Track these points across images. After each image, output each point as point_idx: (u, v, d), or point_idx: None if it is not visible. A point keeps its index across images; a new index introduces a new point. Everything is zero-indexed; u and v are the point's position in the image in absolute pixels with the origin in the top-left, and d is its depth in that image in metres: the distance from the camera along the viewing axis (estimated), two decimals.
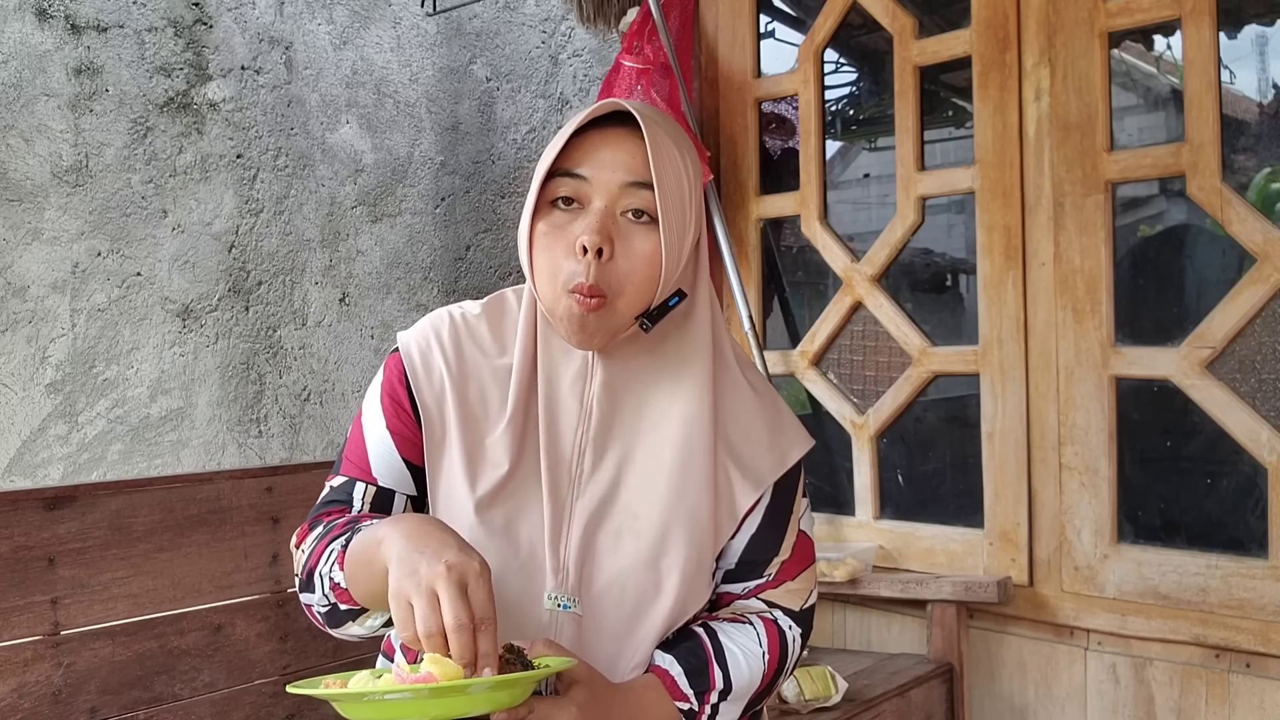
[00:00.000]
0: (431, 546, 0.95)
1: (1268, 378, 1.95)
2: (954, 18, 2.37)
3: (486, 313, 1.23)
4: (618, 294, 1.11)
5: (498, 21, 3.33)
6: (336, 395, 3.08)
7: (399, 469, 1.19)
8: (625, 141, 1.12)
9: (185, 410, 2.79)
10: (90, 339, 2.65)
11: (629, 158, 1.11)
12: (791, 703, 1.94)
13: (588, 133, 1.13)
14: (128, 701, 1.63)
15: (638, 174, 1.11)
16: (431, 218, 3.30)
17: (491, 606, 0.93)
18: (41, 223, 2.57)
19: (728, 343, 1.23)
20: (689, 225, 1.15)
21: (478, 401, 1.18)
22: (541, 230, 1.12)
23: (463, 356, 1.19)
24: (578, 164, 1.11)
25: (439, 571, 0.92)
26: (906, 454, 2.57)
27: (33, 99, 2.56)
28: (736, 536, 1.21)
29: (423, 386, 1.18)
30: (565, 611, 1.13)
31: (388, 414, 1.20)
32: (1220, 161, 1.97)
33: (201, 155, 2.85)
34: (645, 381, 1.18)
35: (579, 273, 1.09)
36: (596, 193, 1.11)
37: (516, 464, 1.16)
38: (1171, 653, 2.03)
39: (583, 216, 1.11)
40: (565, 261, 1.10)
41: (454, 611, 0.90)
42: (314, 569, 1.11)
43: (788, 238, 2.81)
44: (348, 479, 1.20)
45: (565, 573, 1.13)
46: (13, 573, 1.52)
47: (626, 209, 1.11)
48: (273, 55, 3.00)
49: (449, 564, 0.93)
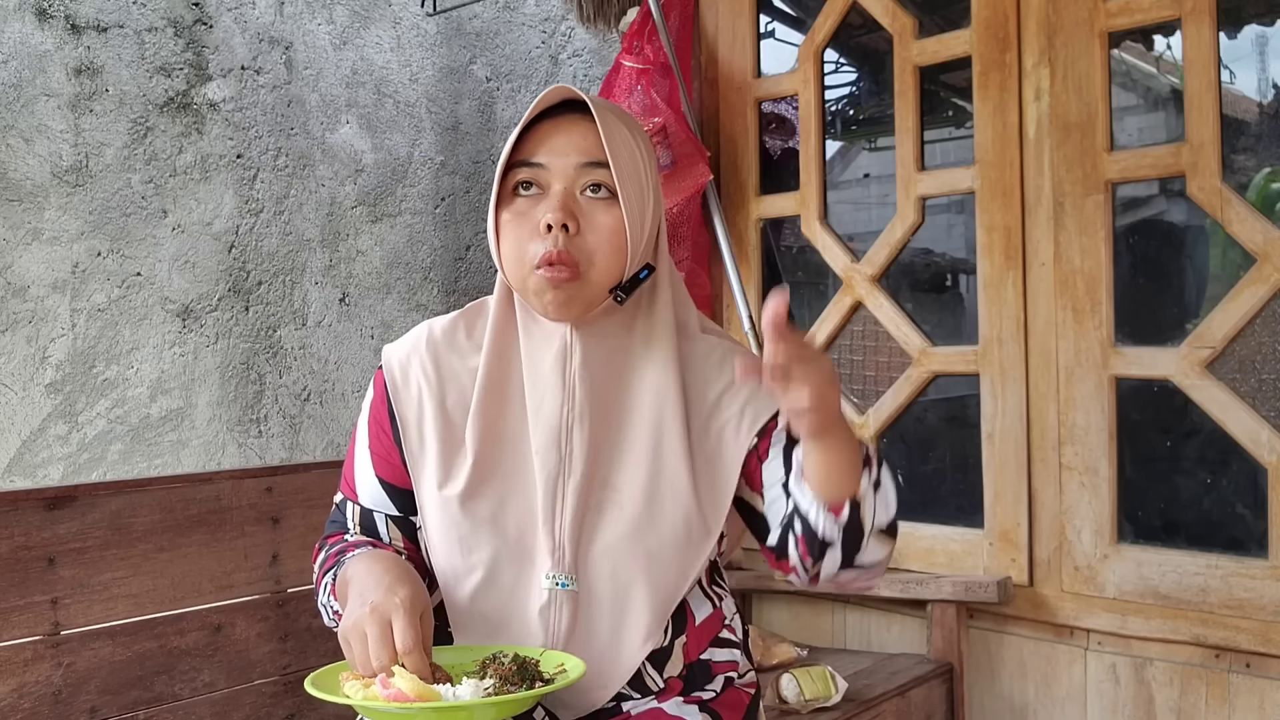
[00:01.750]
0: (365, 590, 1.08)
1: (1268, 378, 1.95)
2: (954, 18, 2.37)
3: (464, 318, 1.29)
4: (589, 265, 1.16)
5: (498, 21, 3.33)
6: (336, 395, 3.08)
7: (375, 489, 1.26)
8: (576, 125, 1.18)
9: (185, 410, 2.79)
10: (90, 339, 2.65)
11: (581, 139, 1.18)
12: (791, 702, 1.94)
13: (540, 124, 1.19)
14: (128, 701, 1.63)
15: (591, 154, 1.17)
16: (431, 218, 3.30)
17: (412, 637, 1.02)
18: (41, 223, 2.58)
19: (691, 312, 1.29)
20: (648, 200, 1.20)
21: (457, 406, 1.23)
22: (506, 218, 1.18)
23: (440, 365, 1.25)
24: (534, 153, 1.18)
25: (364, 614, 1.04)
26: (906, 454, 2.57)
27: (33, 99, 2.56)
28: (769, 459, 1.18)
29: (402, 399, 1.24)
30: (564, 590, 1.17)
31: (371, 434, 1.28)
32: (1220, 161, 1.97)
33: (201, 155, 2.85)
34: (621, 356, 1.23)
35: (546, 246, 1.14)
36: (555, 177, 1.17)
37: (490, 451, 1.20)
38: (1171, 653, 2.03)
39: (544, 200, 1.17)
40: (530, 244, 1.16)
41: (374, 653, 1.02)
42: (319, 598, 1.23)
43: (788, 238, 2.81)
44: (343, 498, 1.30)
45: (561, 551, 1.17)
46: (13, 573, 1.52)
47: (584, 186, 1.17)
48: (273, 55, 3.00)
49: (372, 605, 1.04)
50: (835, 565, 1.10)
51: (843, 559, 1.09)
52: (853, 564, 1.10)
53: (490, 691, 1.02)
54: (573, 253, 1.15)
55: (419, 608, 1.06)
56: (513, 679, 1.04)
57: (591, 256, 1.16)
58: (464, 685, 1.02)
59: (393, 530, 1.26)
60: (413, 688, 0.99)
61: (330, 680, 1.08)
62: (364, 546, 1.21)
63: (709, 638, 1.26)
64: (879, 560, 1.11)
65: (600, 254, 1.16)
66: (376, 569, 1.11)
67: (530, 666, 1.07)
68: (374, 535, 1.27)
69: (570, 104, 1.20)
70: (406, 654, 1.02)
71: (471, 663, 1.09)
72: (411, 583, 1.09)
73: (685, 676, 1.24)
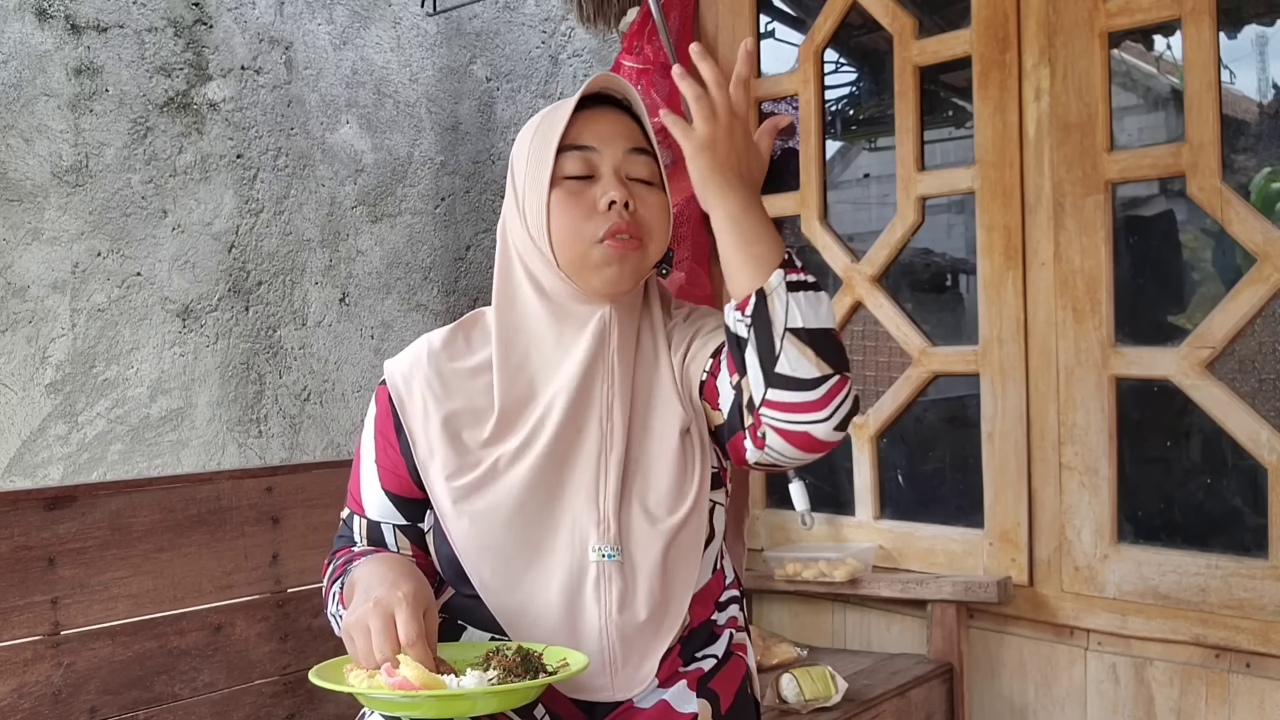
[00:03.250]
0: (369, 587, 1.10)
1: (1268, 378, 1.95)
2: (954, 18, 2.37)
3: (461, 329, 1.33)
4: (649, 238, 1.24)
5: (498, 21, 3.33)
6: (336, 395, 3.08)
7: (382, 501, 1.29)
8: (616, 115, 1.27)
9: (185, 410, 2.79)
10: (90, 339, 2.65)
11: (625, 127, 1.26)
12: (791, 702, 1.94)
13: (581, 111, 1.25)
14: (128, 701, 1.63)
15: (637, 141, 1.26)
16: (431, 218, 3.30)
17: (415, 629, 1.04)
18: (41, 223, 2.58)
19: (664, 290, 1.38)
20: None
21: (466, 410, 1.26)
22: (558, 199, 1.22)
23: (443, 374, 1.28)
24: (584, 138, 1.24)
25: (368, 609, 1.06)
26: (906, 454, 2.57)
27: (33, 99, 2.56)
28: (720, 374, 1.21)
29: (408, 410, 1.27)
30: (610, 560, 1.21)
31: (377, 449, 1.30)
32: (1220, 161, 1.97)
33: (201, 155, 2.85)
34: (642, 334, 1.29)
35: (612, 220, 1.21)
36: (605, 160, 1.24)
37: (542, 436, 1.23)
38: (1171, 653, 2.03)
39: (597, 182, 1.23)
40: (588, 223, 1.21)
41: (378, 645, 1.04)
42: (329, 609, 1.26)
43: (788, 238, 2.81)
44: (349, 514, 1.33)
45: (606, 524, 1.21)
46: (13, 573, 1.52)
47: (632, 175, 1.24)
48: (273, 55, 3.00)
49: (376, 600, 1.06)
50: (759, 376, 1.07)
51: (762, 367, 1.07)
52: (775, 376, 1.07)
53: (494, 682, 1.03)
54: (637, 225, 1.22)
55: (422, 603, 1.08)
56: (516, 670, 1.05)
57: (650, 230, 1.24)
58: (468, 676, 1.03)
59: (401, 539, 1.30)
60: (418, 676, 1.00)
61: (335, 672, 1.09)
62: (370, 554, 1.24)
63: (713, 600, 1.32)
64: (809, 377, 1.06)
65: (656, 229, 1.24)
66: (380, 569, 1.14)
67: (534, 659, 1.08)
68: (381, 546, 1.30)
69: (601, 97, 1.27)
70: (410, 646, 1.03)
71: (474, 657, 1.10)
72: (415, 579, 1.12)
73: (685, 639, 1.28)
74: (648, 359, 1.28)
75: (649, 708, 1.22)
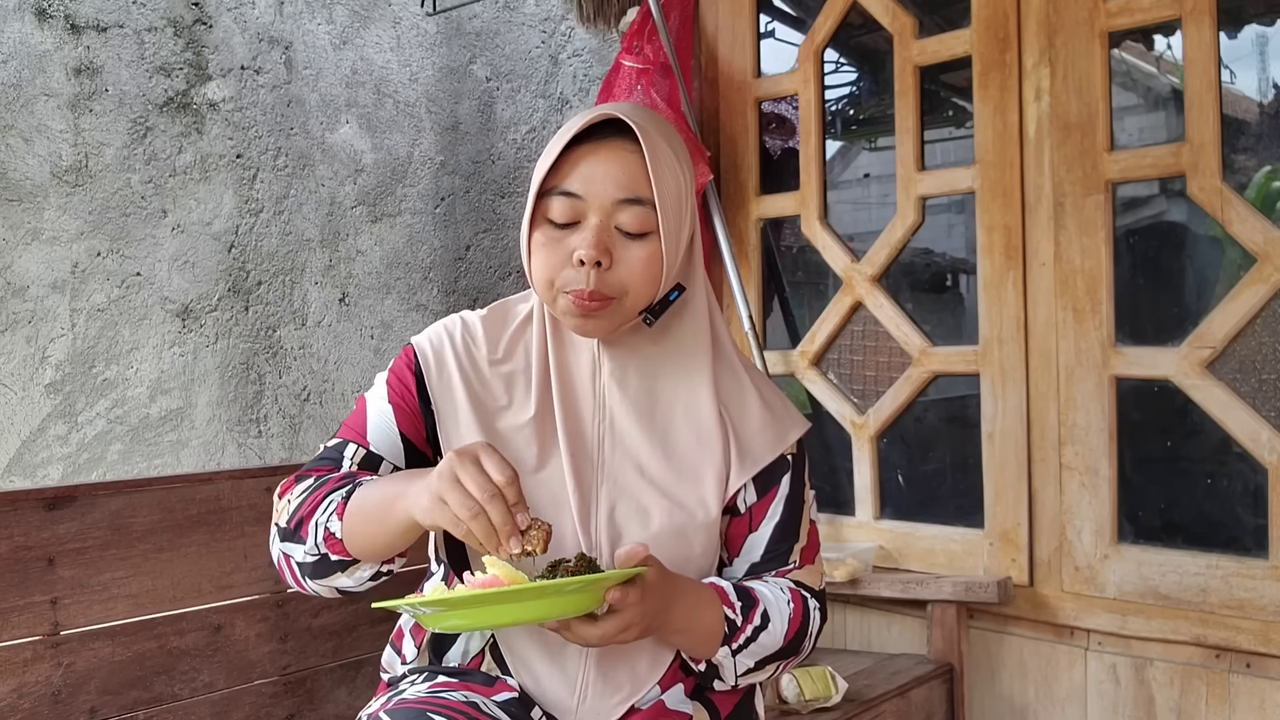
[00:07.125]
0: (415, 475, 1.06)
1: (1268, 378, 1.95)
2: (954, 18, 2.37)
3: (490, 318, 1.29)
4: (623, 294, 1.16)
5: (498, 21, 3.33)
6: (336, 395, 3.08)
7: (393, 439, 1.23)
8: (617, 155, 1.15)
9: (185, 410, 2.79)
10: (90, 339, 2.65)
11: (620, 173, 1.14)
12: (791, 703, 1.94)
13: (580, 145, 1.15)
14: (128, 701, 1.63)
15: (630, 190, 1.14)
16: (431, 218, 3.30)
17: (506, 466, 0.99)
18: (41, 223, 2.57)
19: (724, 332, 1.30)
20: (685, 224, 1.20)
21: (487, 395, 1.24)
22: (539, 240, 1.17)
23: (472, 355, 1.25)
24: (571, 181, 1.14)
25: (452, 461, 0.99)
26: (906, 454, 2.57)
27: (33, 99, 2.56)
28: (758, 530, 1.26)
29: (433, 374, 1.24)
30: None
31: (392, 390, 1.25)
32: (1220, 161, 1.97)
33: (201, 155, 2.85)
34: (652, 369, 1.24)
35: (578, 280, 1.14)
36: (591, 209, 1.14)
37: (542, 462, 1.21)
38: (1172, 653, 2.02)
39: (578, 231, 1.15)
40: (563, 270, 1.15)
41: (475, 482, 0.98)
42: (306, 517, 1.14)
43: (788, 238, 2.81)
44: (341, 440, 1.24)
45: (598, 552, 1.19)
46: (13, 573, 1.52)
47: (621, 226, 1.15)
48: (272, 55, 3.00)
49: (456, 452, 1.00)
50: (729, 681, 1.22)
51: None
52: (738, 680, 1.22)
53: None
54: (604, 289, 1.14)
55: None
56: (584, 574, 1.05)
57: (624, 288, 1.15)
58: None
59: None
60: (507, 574, 1.00)
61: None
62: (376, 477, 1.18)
63: None
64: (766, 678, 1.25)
65: (633, 285, 1.16)
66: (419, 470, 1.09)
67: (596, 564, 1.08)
68: None
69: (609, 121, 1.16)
70: (508, 485, 0.99)
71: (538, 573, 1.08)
72: None
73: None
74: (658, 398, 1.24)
75: (646, 708, 1.22)
